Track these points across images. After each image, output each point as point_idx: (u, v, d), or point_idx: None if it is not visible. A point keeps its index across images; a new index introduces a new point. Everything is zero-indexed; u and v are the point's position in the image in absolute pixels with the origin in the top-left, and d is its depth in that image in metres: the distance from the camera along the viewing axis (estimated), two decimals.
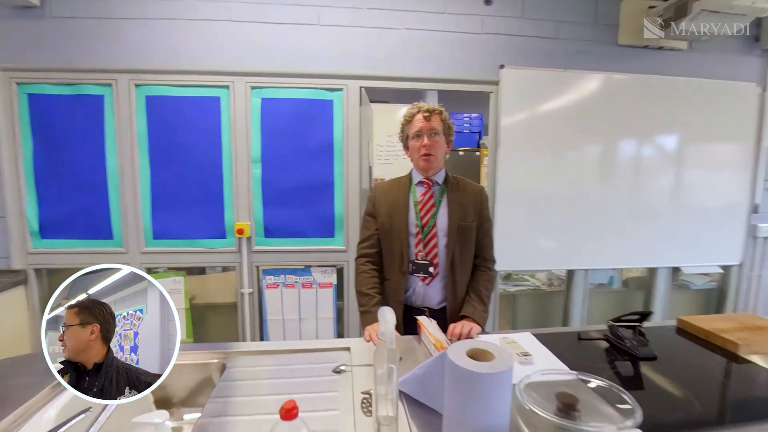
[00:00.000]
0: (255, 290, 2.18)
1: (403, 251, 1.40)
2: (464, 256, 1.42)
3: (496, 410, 0.77)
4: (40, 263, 2.07)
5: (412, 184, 1.47)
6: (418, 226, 1.40)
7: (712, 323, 1.38)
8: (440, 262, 1.41)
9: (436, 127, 1.38)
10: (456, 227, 1.39)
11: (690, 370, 1.15)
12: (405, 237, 1.40)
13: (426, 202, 1.43)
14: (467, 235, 1.41)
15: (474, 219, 1.42)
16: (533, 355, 1.16)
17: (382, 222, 1.44)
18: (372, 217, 1.48)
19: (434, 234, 1.40)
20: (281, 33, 2.05)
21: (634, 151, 2.39)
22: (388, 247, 1.44)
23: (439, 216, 1.41)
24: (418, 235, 1.40)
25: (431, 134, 1.38)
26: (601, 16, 2.25)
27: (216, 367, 1.19)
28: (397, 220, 1.41)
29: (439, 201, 1.42)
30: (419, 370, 0.93)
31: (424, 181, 1.45)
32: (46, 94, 1.97)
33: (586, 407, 0.90)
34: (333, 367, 1.12)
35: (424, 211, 1.41)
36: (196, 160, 2.06)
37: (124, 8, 1.96)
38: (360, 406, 0.93)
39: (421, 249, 1.40)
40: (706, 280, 2.70)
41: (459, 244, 1.40)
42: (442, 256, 1.40)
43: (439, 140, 1.39)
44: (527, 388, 0.96)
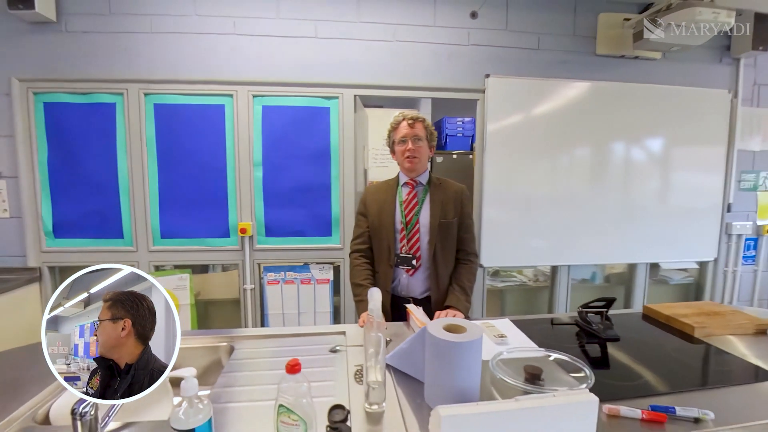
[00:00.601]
0: (257, 286, 2.31)
1: (390, 246, 1.55)
2: (446, 249, 1.56)
3: (468, 374, 0.91)
4: (53, 261, 2.20)
5: (398, 185, 1.62)
6: (403, 222, 1.56)
7: (673, 309, 1.53)
8: (422, 255, 1.55)
9: (419, 134, 1.54)
10: (437, 224, 1.54)
11: (648, 349, 1.29)
12: (392, 233, 1.56)
13: (410, 201, 1.58)
14: (448, 230, 1.56)
15: (455, 216, 1.57)
16: (508, 337, 1.30)
17: (372, 220, 1.60)
18: (363, 216, 1.64)
19: (417, 230, 1.55)
20: (281, 45, 2.20)
21: (614, 155, 2.54)
22: (377, 242, 1.60)
23: (421, 213, 1.56)
24: (403, 231, 1.56)
25: (415, 140, 1.53)
26: (580, 29, 2.41)
27: (225, 349, 1.32)
28: (385, 218, 1.57)
29: (422, 200, 1.57)
30: (404, 345, 1.07)
31: (408, 182, 1.60)
32: (61, 103, 2.11)
33: (549, 376, 1.04)
34: (330, 347, 1.26)
35: (408, 210, 1.57)
36: (201, 163, 2.20)
37: (134, 23, 2.11)
38: (353, 377, 1.07)
39: (405, 243, 1.55)
40: (684, 276, 2.85)
41: (440, 239, 1.54)
42: (424, 250, 1.55)
43: (422, 145, 1.55)
44: (499, 363, 1.10)
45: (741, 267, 2.78)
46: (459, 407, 0.80)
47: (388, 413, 0.91)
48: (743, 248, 2.77)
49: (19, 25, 2.04)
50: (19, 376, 1.08)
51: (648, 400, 0.95)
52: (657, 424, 0.88)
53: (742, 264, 2.79)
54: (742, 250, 2.77)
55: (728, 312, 1.51)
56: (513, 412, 0.81)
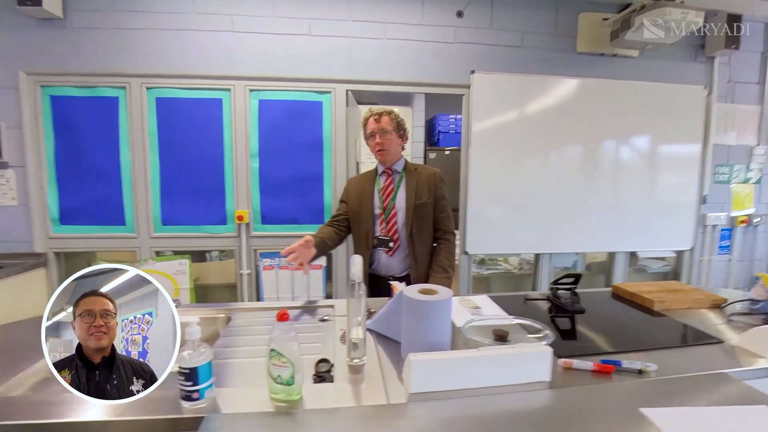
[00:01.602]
0: (253, 271, 2.43)
1: (368, 231, 1.69)
2: (422, 229, 1.69)
3: (439, 330, 1.02)
4: (59, 247, 2.31)
5: (377, 175, 1.76)
6: (381, 208, 1.69)
7: (638, 287, 1.65)
8: (400, 237, 1.69)
9: (386, 127, 1.67)
10: (413, 206, 1.67)
11: (610, 320, 1.41)
12: (370, 219, 1.70)
13: (386, 188, 1.72)
14: (423, 211, 1.69)
15: (429, 197, 1.69)
16: (482, 308, 1.42)
17: (352, 208, 1.74)
18: (344, 202, 1.79)
19: (394, 213, 1.69)
20: (277, 42, 2.31)
21: (595, 149, 2.66)
22: (356, 228, 1.74)
23: (397, 198, 1.70)
24: (381, 216, 1.69)
25: (382, 133, 1.66)
26: (561, 27, 2.53)
27: (222, 320, 1.44)
28: (364, 204, 1.71)
29: (397, 186, 1.71)
30: (384, 309, 1.19)
31: (385, 170, 1.75)
32: (66, 96, 2.22)
33: (514, 338, 1.16)
34: (319, 318, 1.38)
35: (385, 196, 1.70)
36: (200, 154, 2.32)
37: (137, 20, 2.21)
38: (338, 340, 1.19)
39: (384, 227, 1.69)
40: (662, 264, 2.99)
41: (416, 220, 1.67)
42: (401, 231, 1.69)
43: (389, 137, 1.68)
44: (471, 328, 1.22)
45: (716, 256, 2.92)
46: (428, 354, 0.93)
47: (368, 366, 1.03)
48: (718, 238, 2.90)
49: (27, 21, 2.15)
50: (29, 339, 1.16)
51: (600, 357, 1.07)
52: (605, 375, 1.00)
53: (718, 254, 2.92)
54: (717, 241, 2.90)
55: (688, 289, 1.63)
56: (475, 359, 0.93)
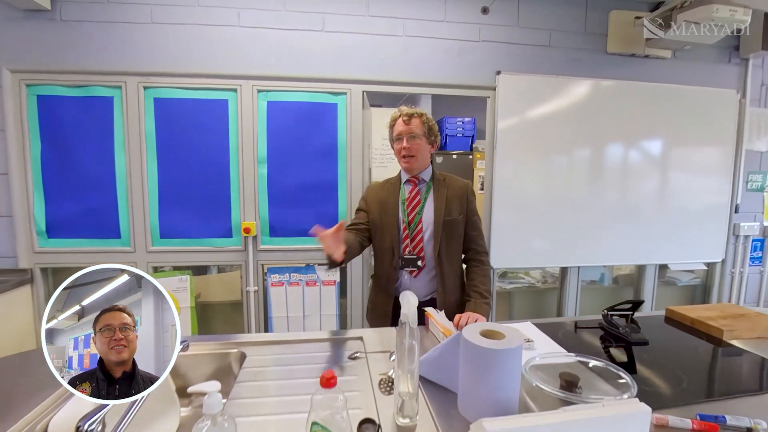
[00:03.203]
0: (260, 288, 2.23)
1: (393, 247, 1.49)
2: (451, 249, 1.50)
3: (508, 384, 0.84)
4: (46, 262, 2.10)
5: (401, 183, 1.56)
6: (405, 222, 1.49)
7: (697, 312, 1.49)
8: (426, 256, 1.49)
9: (416, 130, 1.47)
10: (442, 222, 1.47)
11: (679, 352, 1.24)
12: (395, 233, 1.49)
13: (412, 199, 1.52)
14: (454, 228, 1.50)
15: (460, 213, 1.51)
16: (535, 341, 1.24)
17: (373, 219, 1.53)
18: (363, 211, 1.57)
19: (420, 229, 1.48)
20: (287, 38, 2.12)
21: (623, 154, 2.51)
22: (378, 243, 1.53)
23: (425, 212, 1.50)
24: (405, 231, 1.49)
25: (410, 137, 1.46)
26: (591, 26, 2.37)
27: (235, 356, 1.24)
28: (387, 216, 1.50)
29: (425, 197, 1.51)
30: (434, 351, 1.00)
31: (411, 179, 1.54)
32: (55, 96, 2.01)
33: (586, 384, 0.98)
34: (348, 354, 1.19)
35: (410, 208, 1.50)
36: (203, 160, 2.12)
37: (133, 13, 2.01)
38: (378, 387, 1.00)
39: (408, 244, 1.48)
40: (691, 277, 2.83)
41: (445, 238, 1.48)
42: (428, 249, 1.49)
43: (419, 142, 1.48)
44: (532, 369, 1.04)
45: (748, 268, 2.77)
46: (504, 420, 0.74)
47: (421, 427, 0.85)
48: (750, 249, 2.76)
49: (11, 12, 1.94)
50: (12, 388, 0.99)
51: (693, 408, 0.90)
52: None
53: (749, 265, 2.77)
54: (749, 252, 2.76)
55: (753, 315, 1.47)
56: (561, 424, 0.75)
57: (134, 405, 0.81)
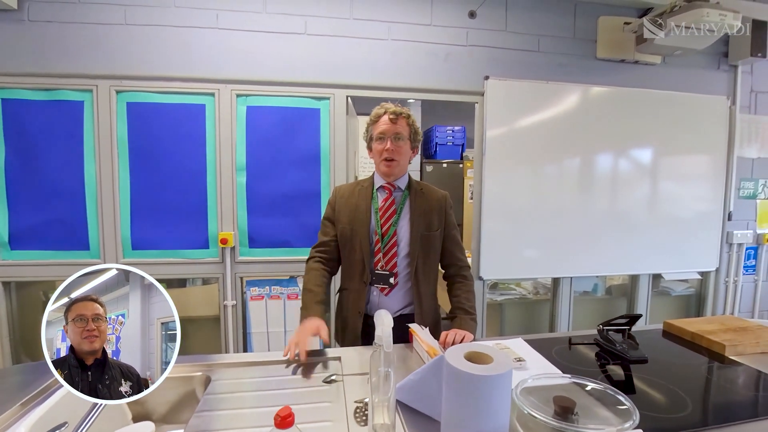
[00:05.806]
0: (238, 302, 2.12)
1: (365, 260, 1.35)
2: (428, 266, 1.38)
3: (497, 413, 0.75)
4: (8, 276, 1.97)
5: (374, 188, 1.41)
6: (378, 233, 1.35)
7: (697, 326, 1.41)
8: (399, 272, 1.36)
9: (402, 132, 1.34)
10: (419, 237, 1.35)
11: (680, 371, 1.16)
12: (367, 246, 1.35)
13: (387, 209, 1.38)
14: (431, 244, 1.38)
15: (438, 227, 1.39)
16: (527, 360, 1.15)
17: (343, 228, 1.38)
18: (330, 222, 1.42)
19: (394, 242, 1.35)
20: (268, 41, 2.05)
21: (613, 162, 2.46)
22: (348, 255, 1.39)
23: (400, 224, 1.37)
24: (378, 243, 1.35)
25: (395, 138, 1.33)
26: (580, 31, 2.33)
27: (199, 380, 1.13)
28: (358, 227, 1.36)
29: (400, 208, 1.38)
30: (415, 376, 0.90)
31: (385, 186, 1.40)
32: (21, 99, 1.91)
33: (583, 410, 0.89)
34: (324, 377, 1.08)
35: (383, 219, 1.36)
36: (178, 168, 2.02)
37: (105, 13, 1.93)
38: (353, 416, 0.90)
39: (380, 258, 1.35)
40: (685, 287, 2.77)
41: (422, 255, 1.36)
42: (402, 265, 1.37)
43: (403, 145, 1.35)
44: (524, 393, 0.94)
45: (742, 277, 2.72)
46: None
47: None
48: (744, 257, 2.71)
49: None
50: None
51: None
52: None
53: (743, 274, 2.72)
54: (742, 260, 2.71)
55: (755, 327, 1.40)
56: None
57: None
